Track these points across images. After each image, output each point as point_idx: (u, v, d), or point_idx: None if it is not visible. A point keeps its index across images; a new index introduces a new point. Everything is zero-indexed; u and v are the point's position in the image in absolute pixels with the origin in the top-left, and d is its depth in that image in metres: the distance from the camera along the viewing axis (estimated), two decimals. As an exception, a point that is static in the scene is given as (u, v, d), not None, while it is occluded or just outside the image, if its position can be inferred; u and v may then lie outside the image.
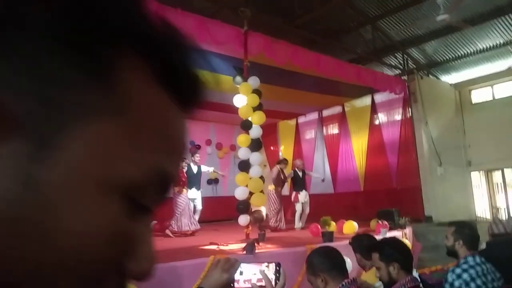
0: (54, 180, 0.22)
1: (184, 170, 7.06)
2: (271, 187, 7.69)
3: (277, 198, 7.60)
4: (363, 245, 2.91)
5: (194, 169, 7.54)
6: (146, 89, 0.27)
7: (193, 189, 7.40)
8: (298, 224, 7.72)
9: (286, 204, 8.22)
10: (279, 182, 7.78)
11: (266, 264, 1.21)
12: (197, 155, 7.90)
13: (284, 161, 8.22)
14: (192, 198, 7.30)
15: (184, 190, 7.01)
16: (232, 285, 1.13)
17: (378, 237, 5.53)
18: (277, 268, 1.18)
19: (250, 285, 1.17)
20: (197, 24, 5.54)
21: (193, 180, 7.42)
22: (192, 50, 0.30)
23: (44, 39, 0.23)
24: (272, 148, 11.84)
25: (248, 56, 6.06)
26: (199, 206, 7.64)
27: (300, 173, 8.06)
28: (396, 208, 6.86)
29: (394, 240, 2.37)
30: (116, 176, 0.24)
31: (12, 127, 0.22)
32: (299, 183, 7.98)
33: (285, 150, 11.98)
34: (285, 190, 8.75)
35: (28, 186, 0.22)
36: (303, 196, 7.80)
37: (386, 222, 6.10)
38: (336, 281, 1.65)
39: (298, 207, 7.78)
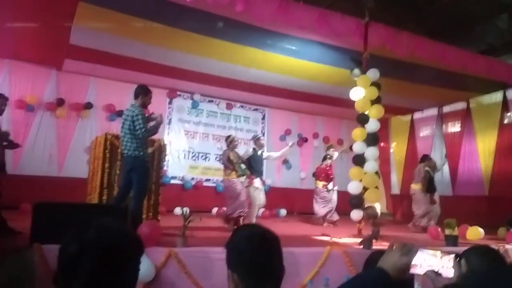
0: None
1: None
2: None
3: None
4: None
5: None
6: None
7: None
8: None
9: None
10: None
11: (444, 254, 1.17)
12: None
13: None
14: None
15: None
16: (408, 269, 1.12)
17: (509, 247, 5.03)
18: (457, 260, 1.14)
19: (423, 272, 1.14)
20: (318, 16, 5.54)
21: None
22: None
23: None
24: (382, 144, 11.35)
25: (368, 48, 5.90)
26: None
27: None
28: (530, 217, 6.10)
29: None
30: None
31: None
32: None
33: (397, 147, 11.42)
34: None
35: None
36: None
37: (518, 231, 5.47)
38: None
39: None
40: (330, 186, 8.00)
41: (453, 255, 1.12)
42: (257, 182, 6.47)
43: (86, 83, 8.67)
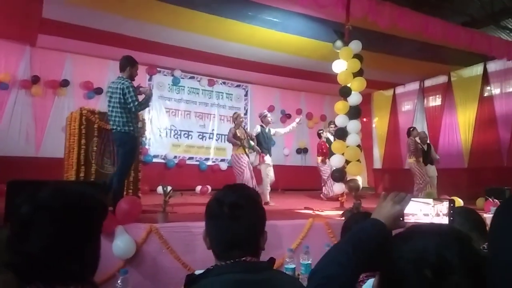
0: None
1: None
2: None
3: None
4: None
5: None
6: None
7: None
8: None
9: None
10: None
11: (437, 202, 1.14)
12: None
13: None
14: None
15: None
16: (402, 218, 1.11)
17: (488, 216, 5.15)
18: (451, 205, 1.12)
19: (415, 220, 1.12)
20: (300, -13, 5.41)
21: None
22: None
23: None
24: (365, 119, 11.40)
25: (350, 19, 5.81)
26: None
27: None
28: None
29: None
30: None
31: None
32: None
33: (379, 121, 11.50)
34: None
35: None
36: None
37: (497, 201, 5.59)
38: (476, 243, 1.53)
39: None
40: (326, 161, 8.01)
41: (447, 202, 1.10)
42: (267, 158, 6.70)
43: (62, 60, 8.38)
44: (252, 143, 6.54)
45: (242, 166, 6.32)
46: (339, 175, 5.64)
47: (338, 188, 5.59)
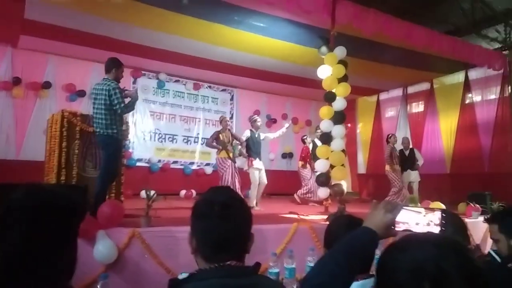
0: None
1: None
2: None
3: None
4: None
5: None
6: None
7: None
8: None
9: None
10: None
11: (428, 211, 1.15)
12: None
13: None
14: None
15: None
16: (393, 226, 1.12)
17: (469, 221, 5.24)
18: (443, 215, 1.13)
19: (407, 228, 1.13)
20: (285, -8, 5.44)
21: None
22: None
23: None
24: (349, 125, 11.49)
25: (335, 25, 5.87)
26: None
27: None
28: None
29: (516, 211, 2.16)
30: None
31: None
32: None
33: (363, 127, 11.61)
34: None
35: None
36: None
37: (478, 206, 5.69)
38: None
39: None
40: (307, 165, 8.26)
41: (438, 212, 1.11)
42: (256, 163, 6.70)
43: (44, 61, 8.23)
44: (239, 147, 6.55)
45: (222, 169, 6.41)
46: (324, 179, 5.66)
47: (323, 192, 5.60)
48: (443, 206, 5.89)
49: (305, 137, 8.71)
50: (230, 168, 6.40)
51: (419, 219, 1.14)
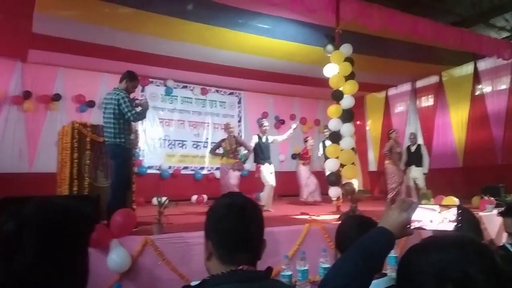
0: None
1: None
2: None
3: None
4: None
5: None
6: None
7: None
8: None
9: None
10: None
11: (443, 208, 1.14)
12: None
13: None
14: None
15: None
16: (409, 225, 1.11)
17: (484, 214, 5.16)
18: (459, 212, 1.12)
19: (421, 226, 1.13)
20: (289, -8, 5.43)
21: None
22: None
23: None
24: (358, 122, 11.42)
25: (340, 23, 5.83)
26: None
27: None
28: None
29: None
30: None
31: None
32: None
33: (372, 124, 11.52)
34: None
35: None
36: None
37: (492, 199, 5.60)
38: None
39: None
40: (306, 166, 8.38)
41: (454, 209, 1.10)
42: (266, 167, 6.79)
43: (53, 74, 8.35)
44: (244, 152, 6.59)
45: (224, 175, 6.59)
46: (334, 178, 5.63)
47: (334, 192, 5.56)
48: (456, 201, 5.82)
49: (307, 138, 8.79)
50: (229, 174, 6.49)
51: (434, 217, 1.13)
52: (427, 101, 9.97)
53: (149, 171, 9.05)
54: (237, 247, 1.17)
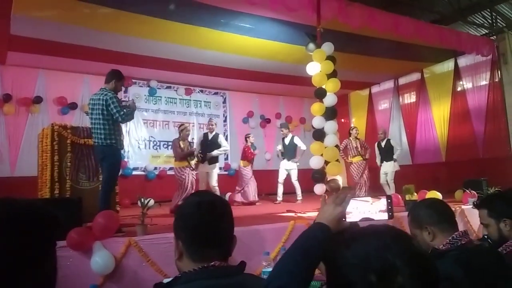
0: None
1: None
2: None
3: None
4: None
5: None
6: None
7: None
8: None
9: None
10: None
11: (375, 199, 1.19)
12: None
13: None
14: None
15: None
16: (344, 218, 1.14)
17: (465, 207, 5.25)
18: (389, 200, 1.17)
19: (356, 218, 1.17)
20: (270, -8, 5.44)
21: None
22: None
23: None
24: (343, 120, 11.51)
25: (321, 21, 5.87)
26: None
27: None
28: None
29: (504, 194, 2.16)
30: None
31: None
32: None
33: (357, 121, 11.61)
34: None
35: None
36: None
37: (474, 192, 5.70)
38: (445, 233, 1.55)
39: None
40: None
41: (384, 199, 1.15)
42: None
43: (34, 76, 8.22)
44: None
45: (182, 178, 6.43)
46: (319, 175, 5.66)
47: (319, 189, 5.60)
48: (439, 195, 5.91)
49: (249, 135, 8.33)
50: (189, 176, 6.42)
51: (367, 208, 1.18)
52: (410, 98, 10.11)
53: (134, 172, 8.98)
54: (207, 244, 1.17)
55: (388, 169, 7.76)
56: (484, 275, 1.35)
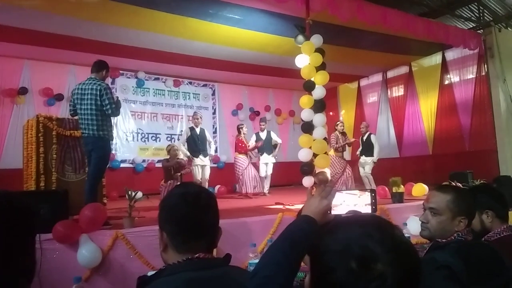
0: None
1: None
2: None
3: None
4: None
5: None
6: None
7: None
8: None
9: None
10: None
11: (362, 192, 1.21)
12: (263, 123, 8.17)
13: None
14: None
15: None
16: (329, 211, 1.15)
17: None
18: (373, 194, 1.19)
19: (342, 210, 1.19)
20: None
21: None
22: None
23: None
24: (331, 113, 11.56)
25: (310, 13, 5.85)
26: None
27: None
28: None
29: (486, 186, 2.20)
30: None
31: None
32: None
33: (346, 114, 11.67)
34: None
35: None
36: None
37: (459, 184, 5.78)
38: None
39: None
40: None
41: (369, 192, 1.16)
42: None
43: (19, 67, 8.07)
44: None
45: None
46: (307, 168, 5.68)
47: (307, 181, 5.62)
48: (426, 188, 6.01)
49: (241, 126, 8.27)
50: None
51: (355, 201, 1.21)
52: (398, 91, 10.18)
53: (122, 165, 8.91)
54: (192, 235, 1.17)
55: (363, 164, 7.83)
56: (481, 268, 1.42)
